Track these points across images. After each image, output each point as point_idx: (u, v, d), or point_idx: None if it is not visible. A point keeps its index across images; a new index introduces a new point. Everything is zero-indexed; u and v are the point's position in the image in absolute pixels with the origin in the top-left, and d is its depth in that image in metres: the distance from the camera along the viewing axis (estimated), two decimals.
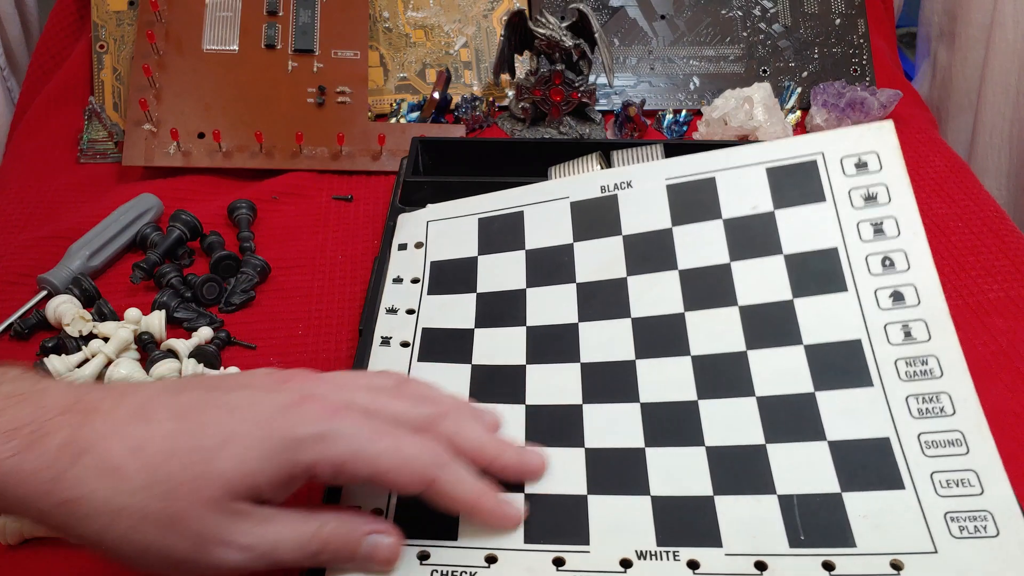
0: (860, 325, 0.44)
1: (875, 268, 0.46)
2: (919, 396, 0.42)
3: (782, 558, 0.38)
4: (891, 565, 0.37)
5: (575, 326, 0.48)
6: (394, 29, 0.80)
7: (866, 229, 0.46)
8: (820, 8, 0.81)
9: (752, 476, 0.41)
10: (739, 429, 0.43)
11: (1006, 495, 0.38)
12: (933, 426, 0.41)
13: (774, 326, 0.45)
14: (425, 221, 0.56)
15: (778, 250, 0.47)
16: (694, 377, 0.45)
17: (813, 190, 0.48)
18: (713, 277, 0.48)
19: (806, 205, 0.48)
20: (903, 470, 0.40)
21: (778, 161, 0.49)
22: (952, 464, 0.40)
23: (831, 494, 0.40)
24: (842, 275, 0.46)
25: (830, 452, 0.41)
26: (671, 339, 0.46)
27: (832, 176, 0.48)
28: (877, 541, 0.38)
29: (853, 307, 0.45)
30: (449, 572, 0.38)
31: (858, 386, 0.43)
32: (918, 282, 0.45)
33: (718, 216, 0.49)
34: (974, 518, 0.38)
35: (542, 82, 0.72)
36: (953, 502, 0.39)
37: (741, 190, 0.49)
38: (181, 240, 0.61)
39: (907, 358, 0.43)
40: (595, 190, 0.52)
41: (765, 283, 0.47)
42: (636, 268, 0.49)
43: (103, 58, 0.76)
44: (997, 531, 0.38)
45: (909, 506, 0.39)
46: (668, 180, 0.51)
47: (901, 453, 0.41)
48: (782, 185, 0.49)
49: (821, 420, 0.42)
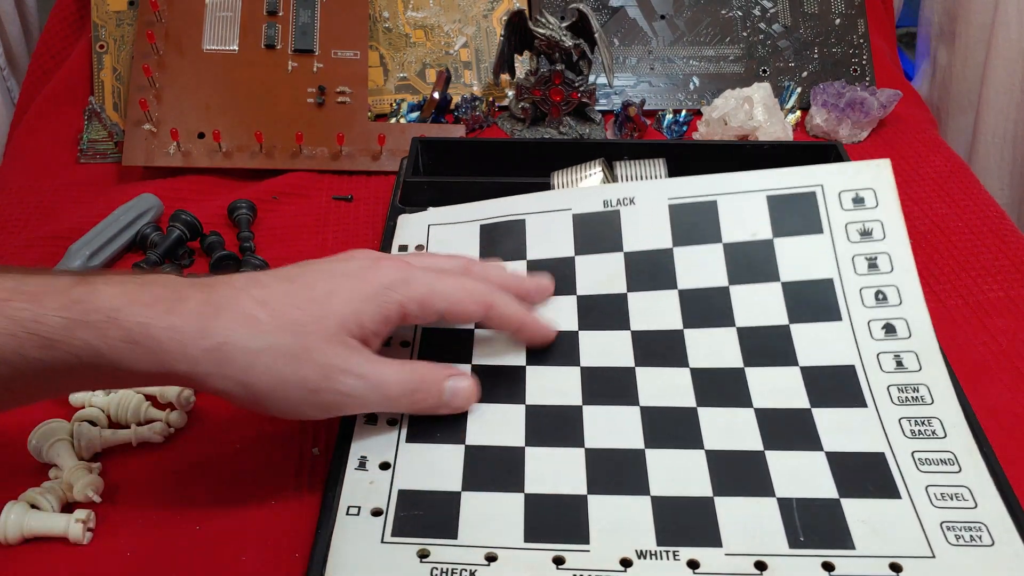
0: (854, 352, 0.46)
1: (868, 301, 0.47)
2: (912, 419, 0.43)
3: (782, 558, 0.38)
4: (891, 567, 0.37)
5: (575, 334, 0.48)
6: (394, 29, 0.80)
7: (861, 263, 0.48)
8: (820, 8, 0.81)
9: (751, 479, 0.41)
10: (738, 436, 0.43)
11: (999, 511, 0.39)
12: (926, 446, 0.42)
13: (771, 347, 0.47)
14: (426, 224, 0.56)
15: (776, 277, 0.49)
16: (693, 387, 0.46)
17: (811, 221, 0.50)
18: (712, 299, 0.49)
19: (804, 236, 0.49)
20: (899, 481, 0.41)
21: (779, 190, 0.51)
22: (946, 480, 0.41)
23: (830, 499, 0.40)
24: (837, 305, 0.48)
25: (827, 462, 0.42)
26: (670, 352, 0.47)
27: (830, 209, 0.50)
28: (876, 545, 0.38)
29: (847, 335, 0.47)
30: (449, 570, 0.38)
31: (853, 406, 0.44)
32: (909, 317, 0.47)
33: (718, 240, 0.50)
34: (969, 528, 0.39)
35: (542, 82, 0.73)
36: (948, 513, 0.39)
37: (741, 216, 0.51)
38: (181, 240, 0.61)
39: (899, 385, 0.45)
40: (598, 204, 0.53)
41: (762, 308, 0.48)
42: (637, 285, 0.50)
43: (103, 58, 0.76)
44: (992, 541, 0.38)
45: (906, 514, 0.40)
46: (671, 200, 0.52)
47: (896, 467, 0.42)
48: (781, 214, 0.50)
49: (818, 433, 0.43)
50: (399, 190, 0.60)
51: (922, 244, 0.62)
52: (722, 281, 0.49)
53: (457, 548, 0.39)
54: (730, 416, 0.44)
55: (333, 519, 0.40)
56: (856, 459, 0.42)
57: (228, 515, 0.43)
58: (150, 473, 0.45)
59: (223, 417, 0.48)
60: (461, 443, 0.43)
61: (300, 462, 0.45)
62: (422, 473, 0.42)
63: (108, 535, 0.42)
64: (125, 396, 0.47)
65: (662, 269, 0.50)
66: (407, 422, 0.44)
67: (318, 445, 0.46)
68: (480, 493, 0.41)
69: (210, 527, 0.42)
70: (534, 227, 0.54)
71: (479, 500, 0.41)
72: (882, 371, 0.45)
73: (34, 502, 0.42)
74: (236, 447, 0.46)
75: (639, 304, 0.50)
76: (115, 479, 0.44)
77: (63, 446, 0.45)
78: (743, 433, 0.43)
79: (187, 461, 0.46)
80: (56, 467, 0.44)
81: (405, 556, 0.38)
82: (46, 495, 0.42)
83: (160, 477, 0.45)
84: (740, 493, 0.41)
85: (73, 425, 0.46)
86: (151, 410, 0.47)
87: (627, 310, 0.49)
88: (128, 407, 0.47)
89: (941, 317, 0.55)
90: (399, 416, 0.44)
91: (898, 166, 0.71)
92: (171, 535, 0.42)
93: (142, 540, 0.41)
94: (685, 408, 0.44)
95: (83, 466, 0.43)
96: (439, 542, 0.39)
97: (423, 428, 0.44)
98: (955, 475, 0.41)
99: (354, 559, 0.38)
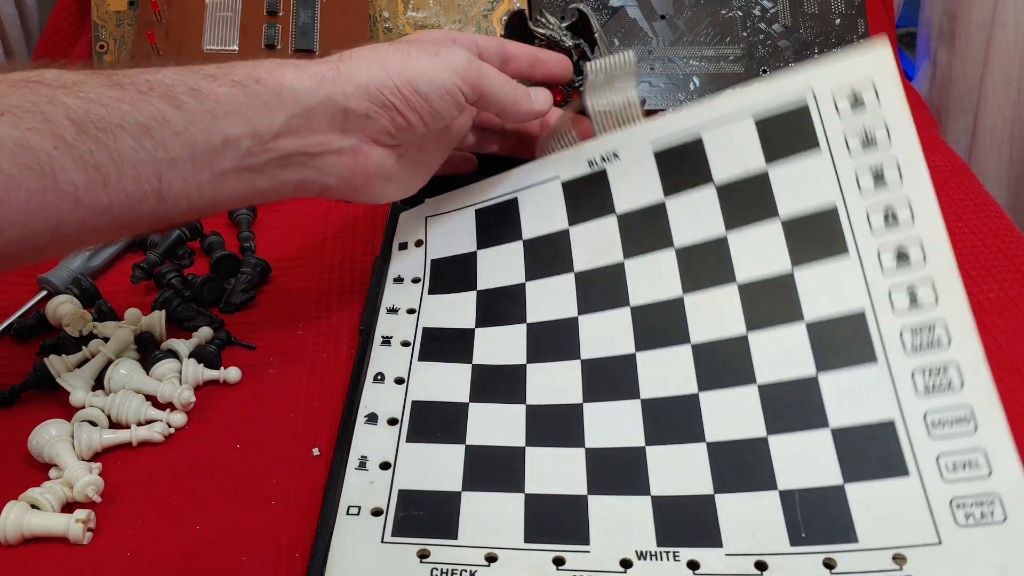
0: (863, 294, 0.42)
1: (877, 225, 0.43)
2: (925, 370, 0.40)
3: (783, 557, 0.38)
4: (893, 559, 0.37)
5: (575, 320, 0.48)
6: (394, 29, 0.80)
7: (866, 179, 0.44)
8: (820, 8, 0.81)
9: (753, 472, 0.41)
10: (740, 422, 0.42)
11: (1015, 476, 0.37)
12: (940, 403, 0.40)
13: (774, 303, 0.44)
14: (424, 217, 0.56)
15: (774, 214, 0.45)
16: (695, 368, 0.44)
17: (806, 139, 0.45)
18: (710, 252, 0.46)
19: (800, 157, 0.45)
20: (908, 455, 0.39)
21: (767, 110, 0.46)
22: (959, 445, 0.39)
23: (833, 487, 0.39)
24: (842, 236, 0.43)
25: (833, 441, 0.40)
26: (671, 327, 0.46)
27: (825, 119, 0.45)
28: (880, 535, 0.38)
29: (855, 273, 0.43)
30: (449, 571, 0.38)
31: (862, 364, 0.41)
32: (924, 236, 0.42)
33: (709, 180, 0.47)
34: (980, 503, 0.37)
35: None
36: (959, 487, 0.38)
37: (731, 149, 0.47)
38: (181, 240, 0.61)
39: (913, 327, 0.41)
40: (583, 166, 0.51)
41: (763, 255, 0.45)
42: (633, 250, 0.49)
43: (103, 58, 0.76)
44: (1005, 515, 0.37)
45: (913, 495, 0.38)
46: (655, 146, 0.49)
47: (906, 436, 0.40)
48: (773, 138, 0.46)
49: (824, 406, 0.41)
50: None
51: None
52: (719, 229, 0.46)
53: (457, 548, 0.39)
54: (732, 399, 0.43)
55: (333, 519, 0.40)
56: (864, 434, 0.40)
57: (228, 515, 0.43)
58: (150, 473, 0.45)
59: (223, 417, 0.48)
60: (461, 443, 0.43)
61: (300, 462, 0.45)
62: (422, 473, 0.42)
63: (108, 535, 0.42)
64: (125, 396, 0.47)
65: (656, 227, 0.48)
66: (408, 422, 0.44)
67: (318, 445, 0.46)
68: (480, 493, 0.41)
69: (210, 527, 0.42)
70: (526, 203, 0.53)
71: (479, 500, 0.41)
72: (894, 312, 0.42)
73: (34, 502, 0.42)
74: (236, 447, 0.46)
75: (637, 272, 0.48)
76: (115, 479, 0.44)
77: (63, 446, 0.45)
78: (746, 418, 0.42)
79: (187, 461, 0.46)
80: (56, 467, 0.44)
81: (405, 556, 0.38)
82: (46, 495, 0.42)
83: (160, 477, 0.45)
84: (741, 488, 0.40)
85: (73, 425, 0.46)
86: (151, 410, 0.47)
87: (625, 282, 0.48)
88: (128, 407, 0.47)
89: None
90: (399, 416, 0.45)
91: None
92: (171, 535, 0.42)
93: (142, 540, 0.41)
94: (686, 396, 0.44)
95: (83, 466, 0.43)
96: (439, 542, 0.39)
97: (423, 428, 0.44)
98: (969, 438, 0.39)
99: (354, 559, 0.38)
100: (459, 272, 0.53)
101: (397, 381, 0.47)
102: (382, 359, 0.48)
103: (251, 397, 0.50)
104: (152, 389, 0.48)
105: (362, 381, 0.47)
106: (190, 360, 0.50)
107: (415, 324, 0.50)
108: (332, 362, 0.52)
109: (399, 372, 0.47)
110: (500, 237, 0.53)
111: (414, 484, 0.41)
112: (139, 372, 0.49)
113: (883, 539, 0.38)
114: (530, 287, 0.50)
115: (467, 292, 0.51)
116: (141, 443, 0.46)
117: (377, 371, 0.47)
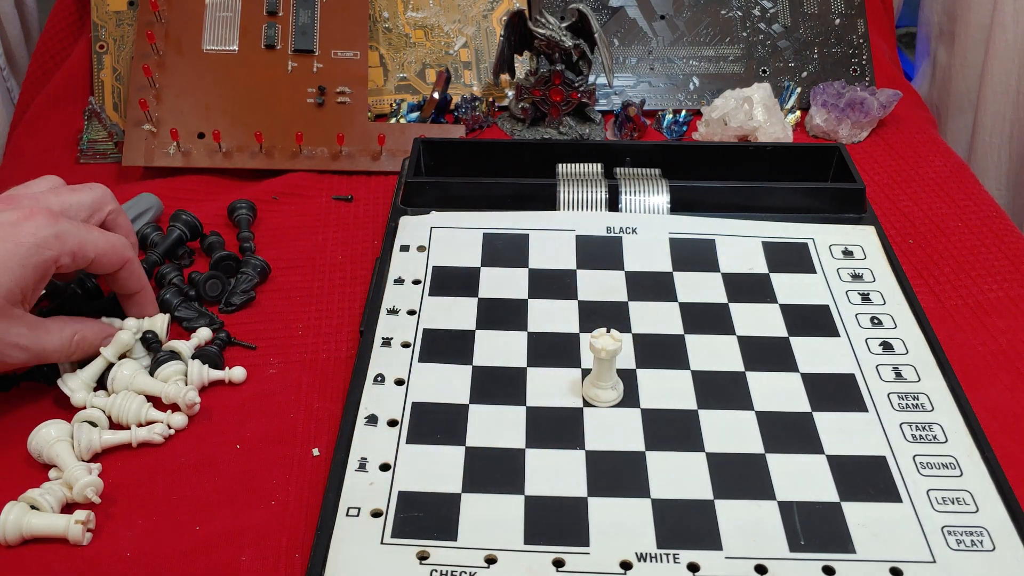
0: (853, 363, 0.48)
1: (865, 324, 0.50)
2: (912, 424, 0.44)
3: (782, 562, 0.38)
4: (891, 572, 0.37)
5: (576, 335, 0.49)
6: (394, 29, 0.80)
7: (855, 296, 0.52)
8: (820, 8, 0.81)
9: (752, 482, 0.41)
10: (739, 438, 0.43)
11: (1000, 515, 0.40)
12: (927, 450, 0.43)
13: (771, 355, 0.48)
14: (429, 227, 0.56)
15: (774, 300, 0.52)
16: (694, 389, 0.46)
17: (805, 264, 0.54)
18: (712, 311, 0.51)
19: (798, 273, 0.54)
20: (900, 485, 0.41)
21: (774, 238, 0.56)
22: (947, 484, 0.41)
23: (830, 503, 0.40)
24: (834, 324, 0.50)
25: (829, 465, 0.42)
26: (672, 355, 0.48)
27: (822, 257, 0.55)
28: (877, 549, 0.38)
29: (846, 349, 0.49)
30: (449, 572, 0.38)
31: (854, 411, 0.45)
32: (905, 338, 0.49)
33: (716, 270, 0.54)
34: (970, 533, 0.39)
35: (542, 82, 0.72)
36: (950, 517, 0.40)
37: (739, 255, 0.55)
38: (181, 240, 0.60)
39: (899, 393, 0.46)
40: (601, 229, 0.56)
41: (761, 322, 0.50)
42: (637, 296, 0.52)
43: (103, 58, 0.76)
44: (994, 546, 0.38)
45: (907, 518, 0.40)
46: (671, 234, 0.55)
47: (898, 470, 0.42)
48: (777, 257, 0.55)
49: (819, 436, 0.44)
50: (400, 191, 0.60)
51: (922, 244, 0.62)
52: (721, 299, 0.52)
53: (457, 550, 0.39)
54: (731, 418, 0.44)
55: (333, 520, 0.40)
56: (857, 462, 0.42)
57: (228, 515, 0.43)
58: (150, 474, 0.45)
59: (223, 417, 0.48)
60: (461, 445, 0.43)
61: (300, 463, 0.45)
62: (422, 474, 0.42)
63: (108, 535, 0.42)
64: (126, 397, 0.47)
65: (663, 286, 0.52)
66: (408, 423, 0.44)
67: (318, 446, 0.46)
68: (480, 495, 0.41)
69: (210, 527, 0.42)
70: (537, 242, 0.55)
71: (479, 502, 0.41)
72: (881, 380, 0.47)
73: (34, 503, 0.42)
74: (236, 447, 0.46)
75: (640, 311, 0.51)
76: (115, 480, 0.44)
77: (63, 447, 0.45)
78: (744, 435, 0.43)
79: (187, 461, 0.46)
80: (56, 468, 0.44)
81: (405, 557, 0.38)
82: (46, 496, 0.42)
83: (160, 477, 0.45)
84: (741, 496, 0.41)
85: (73, 426, 0.46)
86: (152, 411, 0.47)
87: (628, 315, 0.50)
88: (129, 408, 0.47)
89: (941, 317, 0.55)
90: (400, 417, 0.45)
91: (898, 166, 0.71)
92: (171, 535, 0.42)
93: (142, 540, 0.41)
94: (686, 411, 0.45)
95: (83, 467, 0.43)
96: (439, 544, 0.39)
97: (423, 429, 0.44)
98: (956, 479, 0.41)
99: (354, 560, 0.38)
100: (461, 280, 0.53)
101: (397, 382, 0.47)
102: (382, 360, 0.48)
103: (251, 397, 0.50)
104: (157, 390, 0.48)
105: (362, 382, 0.47)
106: (195, 361, 0.50)
107: (415, 325, 0.50)
108: (332, 362, 0.52)
109: (399, 373, 0.47)
110: (506, 261, 0.54)
111: (414, 485, 0.41)
112: (142, 374, 0.49)
113: (880, 553, 0.38)
114: (532, 303, 0.52)
115: (469, 297, 0.52)
116: (141, 444, 0.46)
117: (377, 372, 0.47)
